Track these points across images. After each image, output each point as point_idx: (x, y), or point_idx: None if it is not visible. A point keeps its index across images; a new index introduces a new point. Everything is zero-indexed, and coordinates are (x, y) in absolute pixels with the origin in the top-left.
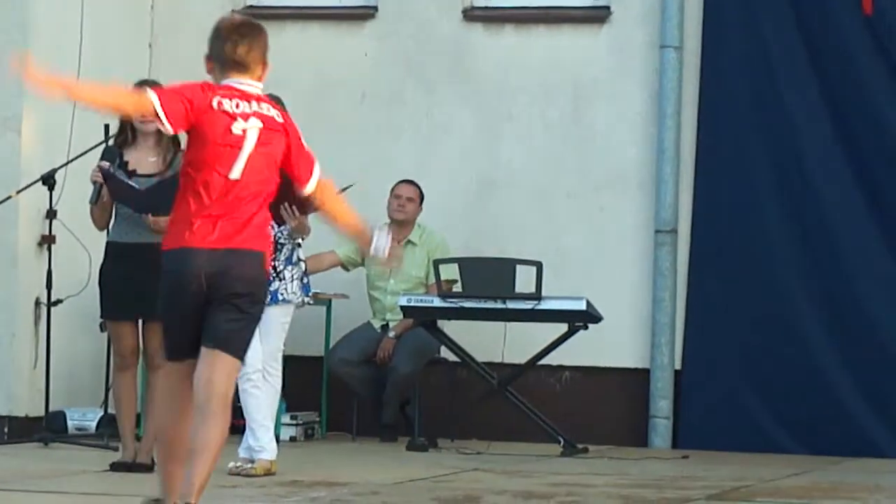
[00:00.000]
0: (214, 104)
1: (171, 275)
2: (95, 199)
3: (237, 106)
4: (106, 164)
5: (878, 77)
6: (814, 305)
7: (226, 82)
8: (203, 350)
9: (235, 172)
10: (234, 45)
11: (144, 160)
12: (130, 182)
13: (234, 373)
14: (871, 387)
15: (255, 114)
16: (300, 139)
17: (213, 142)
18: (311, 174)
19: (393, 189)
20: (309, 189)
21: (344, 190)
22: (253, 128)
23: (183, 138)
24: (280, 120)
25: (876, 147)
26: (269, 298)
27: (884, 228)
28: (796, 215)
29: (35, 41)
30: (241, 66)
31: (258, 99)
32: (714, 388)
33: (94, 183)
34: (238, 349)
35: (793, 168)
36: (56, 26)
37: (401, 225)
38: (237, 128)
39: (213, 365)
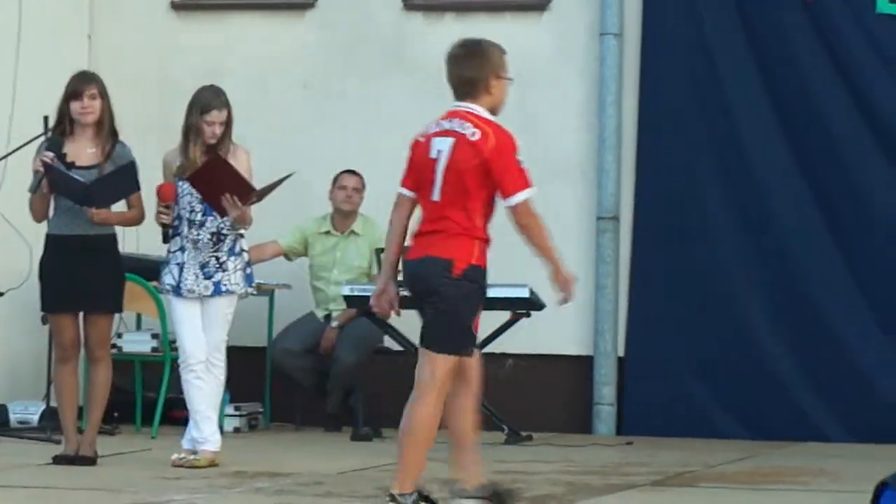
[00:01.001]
0: None
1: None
2: (35, 188)
3: None
4: (51, 154)
5: (817, 62)
6: (757, 291)
7: None
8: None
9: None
10: None
11: (83, 152)
12: (72, 174)
13: (438, 364)
14: (815, 372)
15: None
16: None
17: None
18: None
19: (337, 179)
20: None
21: (283, 179)
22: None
23: (120, 129)
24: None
25: (816, 133)
26: (212, 290)
27: (825, 213)
28: (738, 202)
29: None
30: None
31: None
32: (658, 375)
33: (36, 172)
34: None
35: (734, 155)
36: None
37: (346, 216)
38: None
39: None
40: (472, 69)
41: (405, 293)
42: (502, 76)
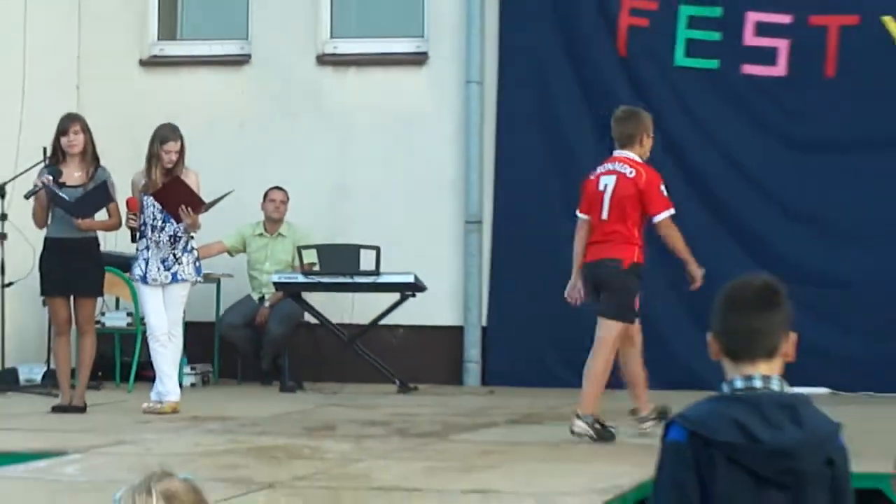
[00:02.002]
0: None
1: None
2: (29, 196)
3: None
4: (50, 177)
5: (631, 101)
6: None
7: None
8: None
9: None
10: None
11: (72, 175)
12: (62, 195)
13: (611, 328)
14: (657, 337)
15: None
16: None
17: None
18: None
19: (267, 194)
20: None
21: (224, 196)
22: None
23: (101, 155)
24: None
25: None
26: (170, 279)
27: None
28: (574, 207)
29: None
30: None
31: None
32: (512, 339)
33: (35, 186)
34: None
35: (570, 174)
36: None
37: (274, 222)
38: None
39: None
40: (631, 127)
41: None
42: (650, 135)
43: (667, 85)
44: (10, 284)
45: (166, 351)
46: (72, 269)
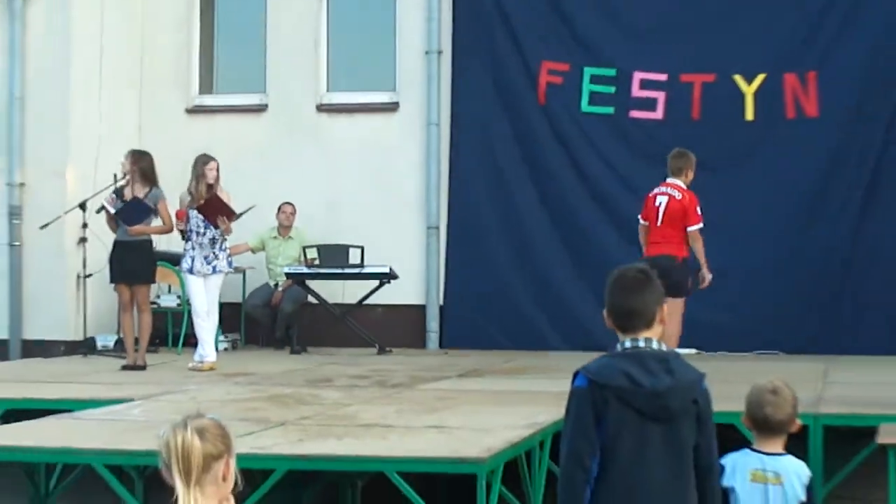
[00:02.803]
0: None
1: None
2: (99, 211)
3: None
4: (114, 197)
5: (552, 142)
6: (515, 272)
7: None
8: None
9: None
10: None
11: (133, 192)
12: (113, 212)
13: (672, 304)
14: (548, 311)
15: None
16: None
17: None
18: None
19: (280, 207)
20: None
21: (249, 209)
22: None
23: (159, 177)
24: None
25: (551, 182)
26: (210, 270)
27: (555, 223)
28: (508, 221)
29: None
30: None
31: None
32: (462, 314)
33: (105, 202)
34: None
35: (503, 192)
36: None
37: (286, 228)
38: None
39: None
40: (681, 163)
41: None
42: (693, 170)
43: (575, 126)
44: (89, 275)
45: (206, 324)
46: (129, 264)
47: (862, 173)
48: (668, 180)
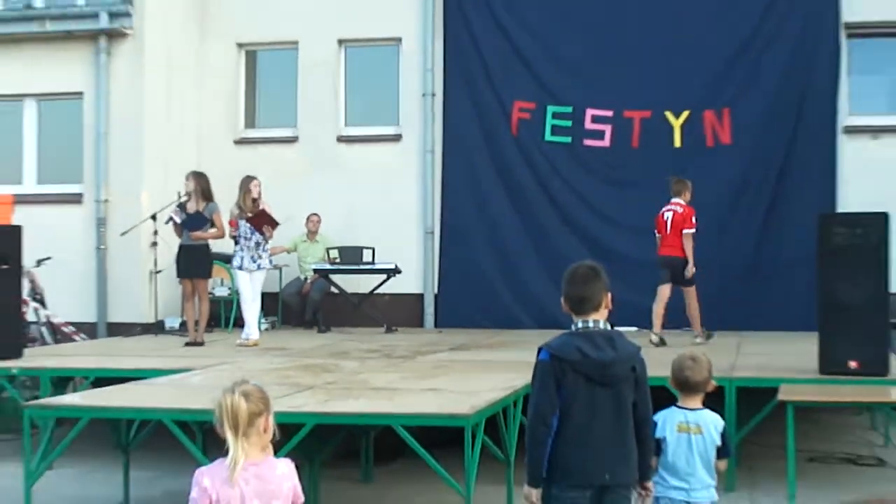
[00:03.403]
0: None
1: None
2: (167, 221)
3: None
4: (178, 210)
5: (524, 168)
6: (497, 267)
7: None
8: None
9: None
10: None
11: (195, 206)
12: (177, 220)
13: (688, 290)
14: (523, 298)
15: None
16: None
17: None
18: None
19: (308, 217)
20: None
21: (287, 220)
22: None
23: (214, 194)
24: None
25: (521, 196)
26: (255, 267)
27: (525, 223)
28: (488, 225)
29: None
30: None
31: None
32: (452, 301)
33: (172, 214)
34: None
35: (483, 206)
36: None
37: (313, 233)
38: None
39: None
40: (681, 187)
41: None
42: (689, 191)
43: (540, 152)
44: (159, 272)
45: (251, 310)
46: (191, 262)
47: (764, 191)
48: (672, 200)
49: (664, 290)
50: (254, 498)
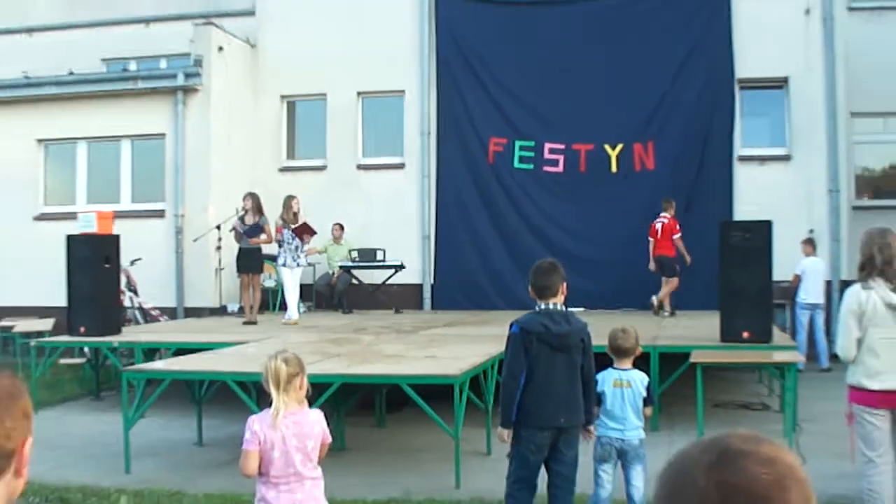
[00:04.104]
0: None
1: None
2: (230, 231)
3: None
4: (239, 222)
5: (497, 188)
6: (476, 262)
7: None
8: None
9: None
10: None
11: (250, 219)
12: (240, 230)
13: (670, 280)
14: (505, 291)
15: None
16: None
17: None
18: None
19: (334, 226)
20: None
21: (316, 232)
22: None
23: (265, 209)
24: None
25: (495, 212)
26: (295, 266)
27: (498, 229)
28: (473, 228)
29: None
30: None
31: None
32: (444, 289)
33: (234, 225)
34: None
35: (466, 218)
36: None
37: (338, 238)
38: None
39: None
40: (666, 205)
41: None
42: (673, 207)
43: (510, 177)
44: (223, 269)
45: (292, 296)
46: (248, 262)
47: (679, 204)
48: (661, 214)
49: (674, 281)
50: (292, 437)
